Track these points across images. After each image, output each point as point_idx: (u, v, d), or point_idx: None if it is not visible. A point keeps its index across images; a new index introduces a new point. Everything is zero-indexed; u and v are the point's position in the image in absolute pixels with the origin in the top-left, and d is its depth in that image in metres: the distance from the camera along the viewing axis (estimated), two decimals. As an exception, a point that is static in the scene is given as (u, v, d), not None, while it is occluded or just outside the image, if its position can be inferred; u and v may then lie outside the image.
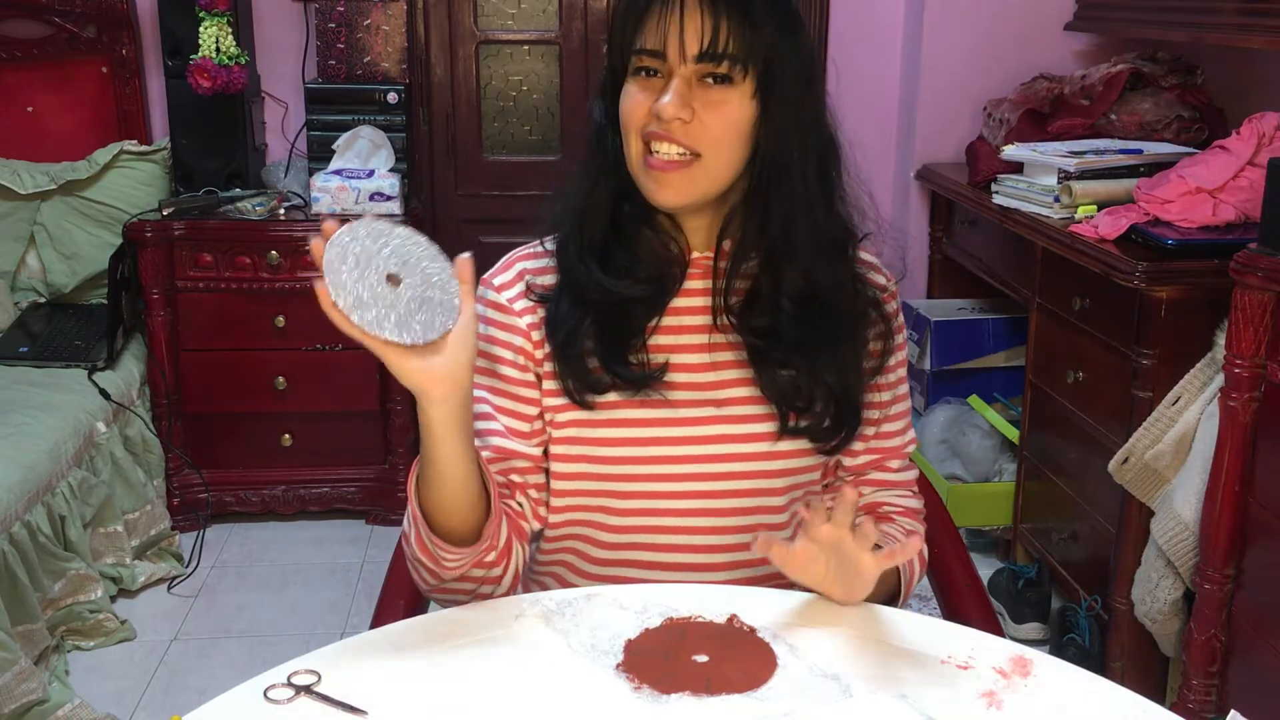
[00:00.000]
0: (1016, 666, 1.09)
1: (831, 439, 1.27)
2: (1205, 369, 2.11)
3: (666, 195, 1.20)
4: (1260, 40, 2.34)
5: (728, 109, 1.17)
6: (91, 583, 2.62)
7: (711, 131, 1.17)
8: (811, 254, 1.22)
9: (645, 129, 1.18)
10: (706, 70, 1.16)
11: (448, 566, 1.18)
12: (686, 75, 1.16)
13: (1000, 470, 2.98)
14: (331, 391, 3.17)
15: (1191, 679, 2.06)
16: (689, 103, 1.16)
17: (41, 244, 3.23)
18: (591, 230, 1.24)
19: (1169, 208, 2.28)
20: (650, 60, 1.18)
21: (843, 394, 1.25)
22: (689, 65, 1.16)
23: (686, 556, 1.29)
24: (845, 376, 1.25)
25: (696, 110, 1.16)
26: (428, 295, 1.07)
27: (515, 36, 3.49)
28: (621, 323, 1.24)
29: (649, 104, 1.18)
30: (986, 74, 3.22)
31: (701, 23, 1.15)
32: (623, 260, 1.24)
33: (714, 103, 1.17)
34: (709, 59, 1.15)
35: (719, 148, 1.18)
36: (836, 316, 1.24)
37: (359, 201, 3.09)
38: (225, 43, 3.09)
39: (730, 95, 1.17)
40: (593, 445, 1.27)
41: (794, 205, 1.21)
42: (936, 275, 3.36)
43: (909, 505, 1.36)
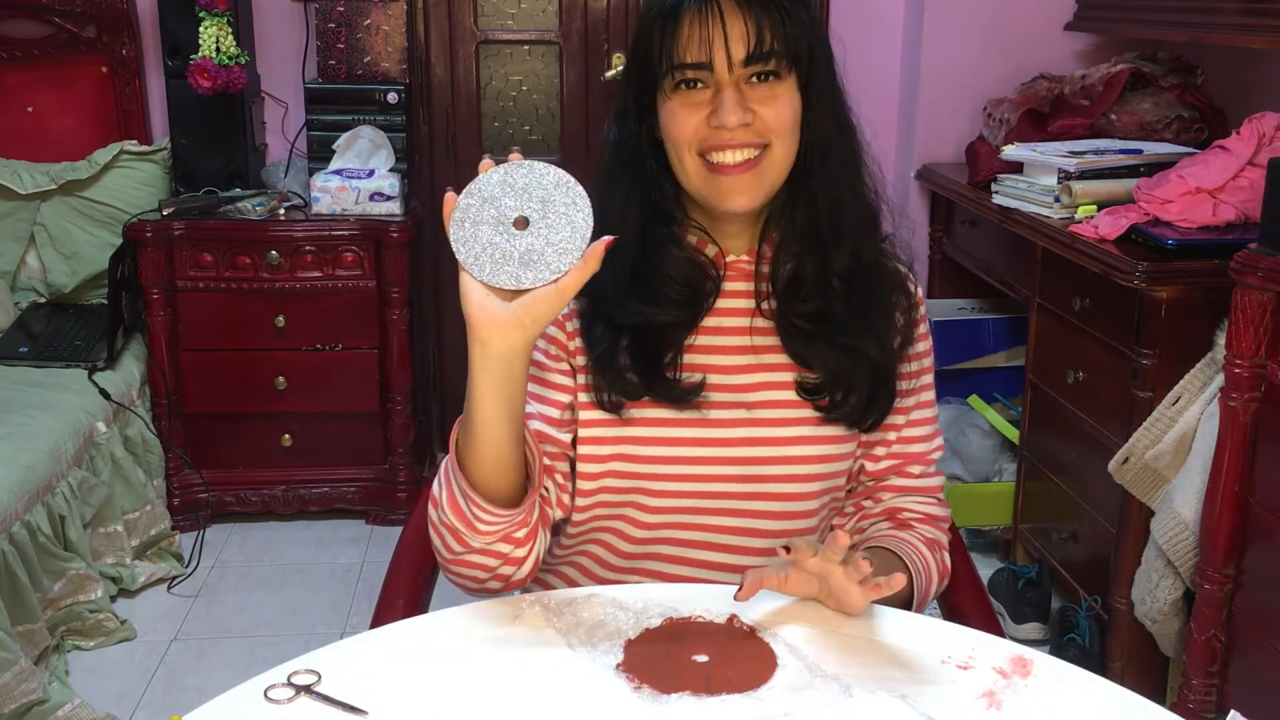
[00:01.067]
0: (1016, 666, 1.09)
1: (867, 418, 1.27)
2: (1205, 369, 2.11)
3: (738, 200, 1.20)
4: (1260, 40, 2.34)
5: (781, 101, 1.18)
6: (91, 583, 2.62)
7: (772, 122, 1.18)
8: (858, 233, 1.24)
9: (703, 143, 1.18)
10: (754, 70, 1.17)
11: (480, 530, 1.15)
12: (736, 79, 1.17)
13: (1000, 470, 2.98)
14: (331, 391, 3.17)
15: (1191, 679, 2.06)
16: (748, 106, 1.17)
17: (41, 244, 3.23)
18: (621, 253, 1.21)
19: (1169, 208, 2.28)
20: (693, 72, 1.17)
21: (883, 368, 1.26)
22: (736, 70, 1.16)
23: (713, 555, 1.29)
24: (885, 351, 1.26)
25: (754, 109, 1.17)
26: (539, 251, 1.04)
27: (515, 36, 3.49)
28: (658, 343, 1.24)
29: (699, 118, 1.17)
30: (986, 74, 3.22)
31: (745, 26, 1.15)
32: (654, 283, 1.23)
33: (767, 98, 1.18)
34: (757, 60, 1.16)
35: (782, 136, 1.19)
36: (876, 293, 1.25)
37: (359, 201, 3.09)
38: (225, 43, 3.09)
39: (779, 89, 1.18)
40: (624, 444, 1.27)
41: (838, 187, 1.23)
42: (936, 275, 3.36)
43: (930, 512, 1.34)
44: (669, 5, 1.17)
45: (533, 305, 1.04)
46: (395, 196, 3.10)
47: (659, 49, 1.18)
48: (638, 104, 1.22)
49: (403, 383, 3.19)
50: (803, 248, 1.24)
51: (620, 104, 1.25)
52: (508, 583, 1.21)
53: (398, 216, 3.10)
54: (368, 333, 3.15)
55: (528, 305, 1.05)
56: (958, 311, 3.16)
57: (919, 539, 1.31)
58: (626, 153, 1.24)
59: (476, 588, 1.22)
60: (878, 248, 1.28)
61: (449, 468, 1.16)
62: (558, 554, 1.36)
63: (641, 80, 1.21)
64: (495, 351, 1.07)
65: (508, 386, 1.09)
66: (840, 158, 1.23)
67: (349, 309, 3.12)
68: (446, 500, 1.16)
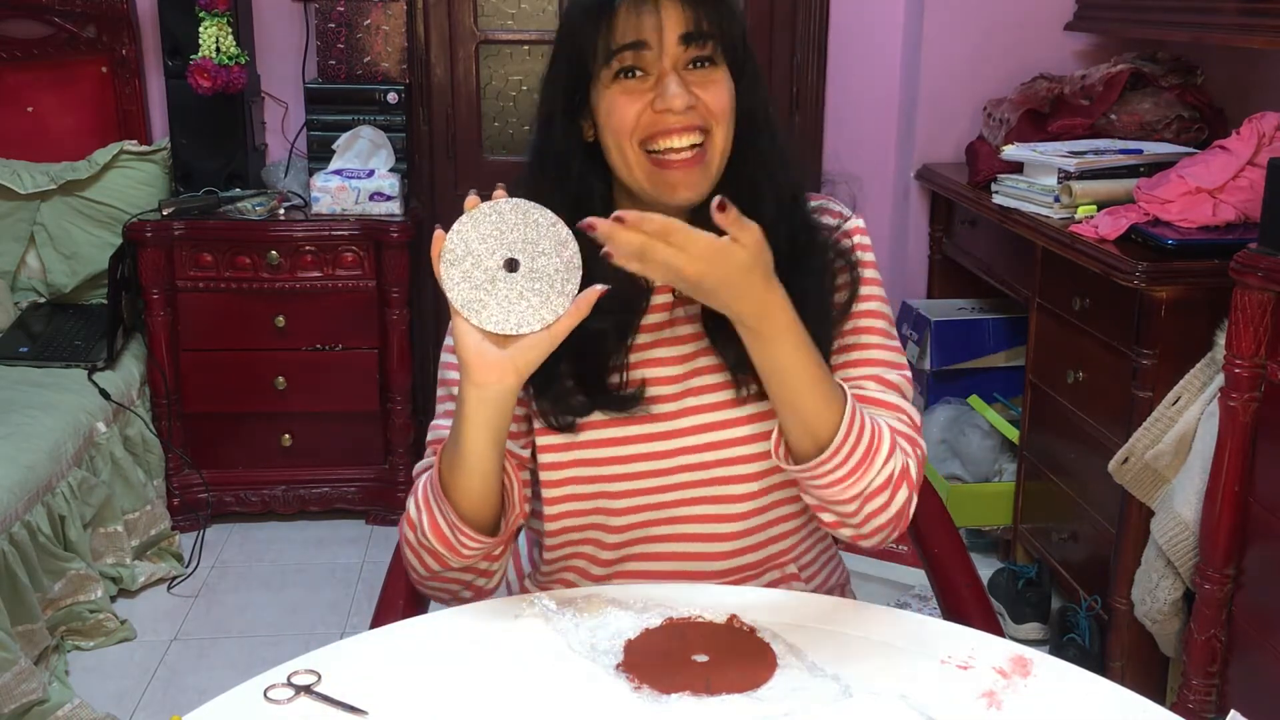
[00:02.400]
0: (1016, 666, 1.09)
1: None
2: (1205, 369, 2.11)
3: (686, 193, 1.19)
4: (1260, 40, 2.34)
5: (719, 86, 1.18)
6: (91, 583, 2.62)
7: (714, 107, 1.18)
8: (777, 216, 1.21)
9: (647, 131, 1.17)
10: (692, 55, 1.17)
11: (463, 553, 1.17)
12: (675, 62, 1.16)
13: (1000, 470, 2.98)
14: (331, 391, 3.17)
15: (1191, 679, 2.06)
16: (688, 87, 1.16)
17: (41, 244, 3.23)
18: None
19: (1169, 208, 2.28)
20: (633, 58, 1.16)
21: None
22: (673, 51, 1.16)
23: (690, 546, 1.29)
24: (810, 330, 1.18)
25: (695, 93, 1.17)
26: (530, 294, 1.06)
27: (515, 36, 3.48)
28: (597, 352, 1.23)
29: (641, 106, 1.16)
30: (986, 74, 3.22)
31: (682, 11, 1.16)
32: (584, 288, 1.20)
33: (707, 82, 1.18)
34: (696, 39, 1.16)
35: (721, 122, 1.18)
36: (798, 271, 1.21)
37: (359, 201, 3.09)
38: (225, 43, 3.09)
39: (716, 74, 1.18)
40: (580, 450, 1.27)
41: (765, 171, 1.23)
42: (936, 275, 3.36)
43: (896, 428, 1.20)
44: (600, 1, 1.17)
45: (526, 350, 1.07)
46: (395, 196, 3.10)
47: (593, 41, 1.17)
48: (566, 106, 1.21)
49: (403, 383, 3.19)
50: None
51: (546, 108, 1.23)
52: (479, 592, 1.24)
53: (398, 216, 3.10)
54: (368, 333, 3.15)
55: (522, 350, 1.07)
56: (958, 311, 3.16)
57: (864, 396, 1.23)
58: (551, 158, 1.23)
59: (448, 599, 1.25)
60: (798, 219, 1.25)
61: (430, 494, 1.18)
62: (545, 571, 1.36)
63: (572, 78, 1.20)
64: (490, 395, 1.09)
65: (499, 422, 1.12)
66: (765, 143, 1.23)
67: (349, 309, 3.13)
68: (428, 525, 1.18)
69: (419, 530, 1.19)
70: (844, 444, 1.13)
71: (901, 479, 1.17)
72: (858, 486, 1.15)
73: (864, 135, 3.45)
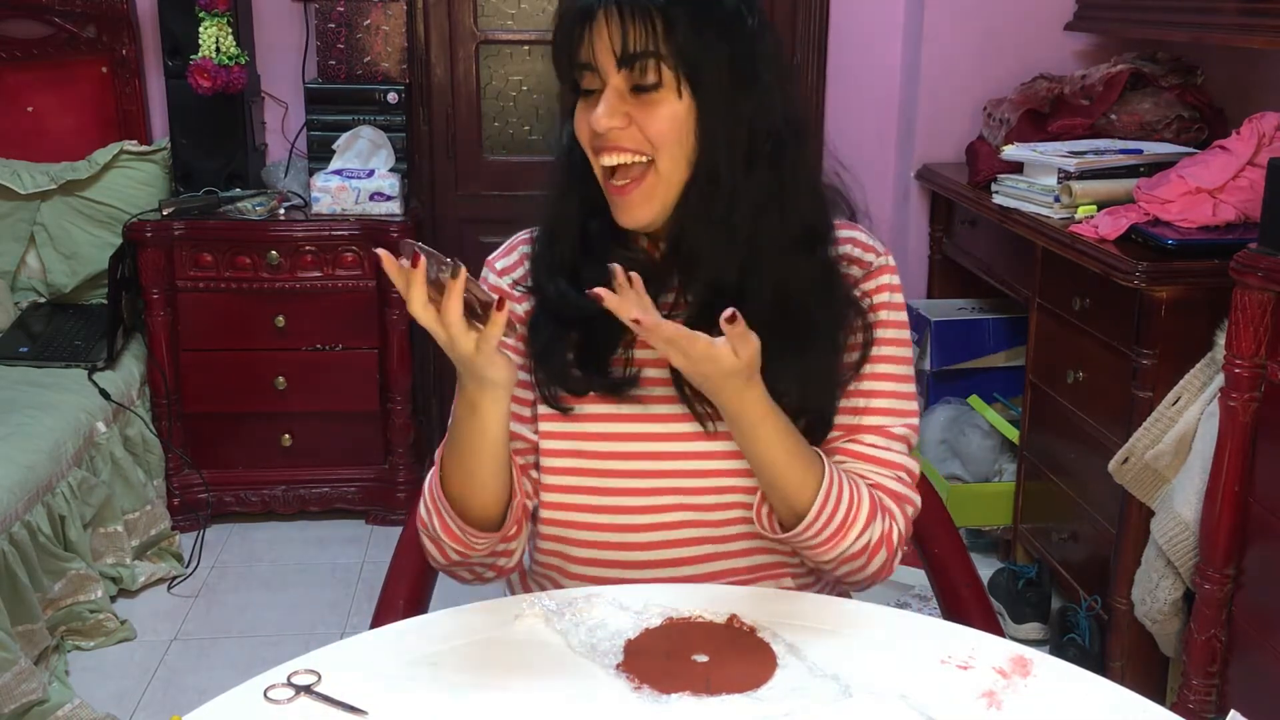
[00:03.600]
0: (1016, 666, 1.09)
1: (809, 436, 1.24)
2: (1205, 369, 2.11)
3: (631, 216, 1.21)
4: (1260, 40, 2.34)
5: (662, 110, 1.18)
6: (91, 583, 2.62)
7: (650, 132, 1.18)
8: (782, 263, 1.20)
9: (591, 143, 1.20)
10: (634, 80, 1.17)
11: (477, 548, 1.23)
12: (618, 85, 1.18)
13: (1000, 470, 2.98)
14: (331, 391, 3.17)
15: (1191, 679, 2.06)
16: (620, 110, 1.18)
17: (41, 244, 3.23)
18: (562, 249, 1.27)
19: (1169, 208, 2.28)
20: (587, 77, 1.19)
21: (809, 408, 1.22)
22: (612, 74, 1.17)
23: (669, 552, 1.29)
24: (812, 390, 1.22)
25: (632, 116, 1.18)
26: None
27: (515, 36, 3.48)
28: (599, 336, 1.26)
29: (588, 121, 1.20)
30: (986, 74, 3.22)
31: (617, 28, 1.16)
32: (594, 276, 1.19)
33: (646, 105, 1.18)
34: (625, 63, 1.16)
35: (663, 147, 1.18)
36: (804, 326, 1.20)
37: (359, 201, 3.09)
38: (225, 43, 3.09)
39: (661, 97, 1.17)
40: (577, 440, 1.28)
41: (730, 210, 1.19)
42: (936, 275, 3.36)
43: (888, 485, 1.24)
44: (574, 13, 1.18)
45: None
46: (395, 196, 3.10)
47: (564, 53, 1.20)
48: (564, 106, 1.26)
49: (403, 383, 3.19)
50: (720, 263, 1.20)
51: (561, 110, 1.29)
52: (501, 571, 1.30)
53: (398, 216, 3.10)
54: (368, 333, 3.15)
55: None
56: (958, 311, 3.16)
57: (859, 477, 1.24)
58: (560, 151, 1.28)
59: (472, 579, 1.31)
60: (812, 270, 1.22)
61: (438, 503, 1.23)
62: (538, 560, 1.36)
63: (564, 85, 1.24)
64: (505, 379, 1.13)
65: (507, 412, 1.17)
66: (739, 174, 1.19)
67: (349, 309, 3.13)
68: (440, 528, 1.24)
69: (429, 529, 1.25)
70: (818, 517, 1.19)
71: (879, 545, 1.22)
72: (834, 552, 1.21)
73: (864, 135, 3.45)
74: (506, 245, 1.36)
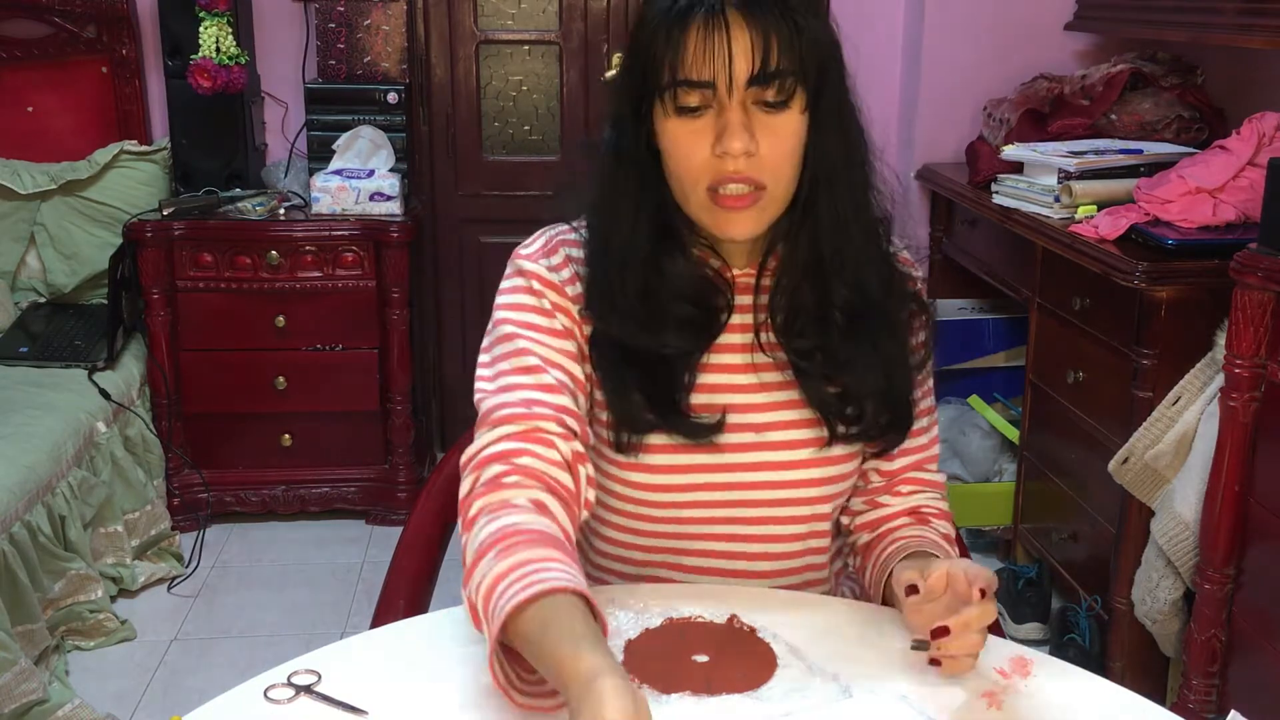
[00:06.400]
0: (1016, 666, 1.09)
1: (884, 435, 1.25)
2: (1205, 369, 2.11)
3: (739, 229, 1.14)
4: (1260, 40, 2.33)
5: (785, 131, 1.12)
6: (91, 583, 2.62)
7: (772, 162, 1.11)
8: (861, 262, 1.19)
9: (712, 177, 1.11)
10: (759, 95, 1.10)
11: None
12: (740, 100, 1.09)
13: (1000, 470, 2.98)
14: (331, 391, 3.17)
15: (1191, 679, 2.06)
16: (752, 131, 1.10)
17: (41, 244, 3.23)
18: (634, 278, 1.17)
19: (1169, 208, 2.28)
20: (698, 97, 1.10)
21: (892, 396, 1.23)
22: (739, 91, 1.09)
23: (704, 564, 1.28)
24: (893, 379, 1.22)
25: (756, 139, 1.10)
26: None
27: (515, 36, 3.48)
28: (670, 370, 1.19)
29: (705, 146, 1.10)
30: (986, 74, 3.22)
31: (751, 41, 1.07)
32: (665, 303, 1.17)
33: (770, 127, 1.11)
34: (761, 81, 1.08)
35: (779, 175, 1.13)
36: (884, 321, 1.21)
37: (359, 201, 3.09)
38: (225, 43, 3.09)
39: (784, 117, 1.11)
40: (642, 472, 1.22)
41: (843, 215, 1.17)
42: (936, 275, 3.36)
43: (942, 508, 1.32)
44: (675, 13, 1.09)
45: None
46: (395, 196, 3.10)
47: (662, 59, 1.10)
48: (635, 110, 1.15)
49: (403, 383, 3.19)
50: (803, 277, 1.19)
51: (617, 109, 1.17)
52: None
53: (398, 216, 3.10)
54: (368, 333, 3.15)
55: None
56: (958, 311, 3.16)
57: (939, 536, 1.27)
58: (628, 162, 1.16)
59: None
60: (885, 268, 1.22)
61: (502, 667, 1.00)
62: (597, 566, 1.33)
63: (641, 87, 1.13)
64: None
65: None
66: (846, 185, 1.17)
67: (349, 309, 3.12)
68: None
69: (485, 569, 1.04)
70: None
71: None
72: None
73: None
74: (544, 243, 1.23)
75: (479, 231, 3.49)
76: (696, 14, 1.08)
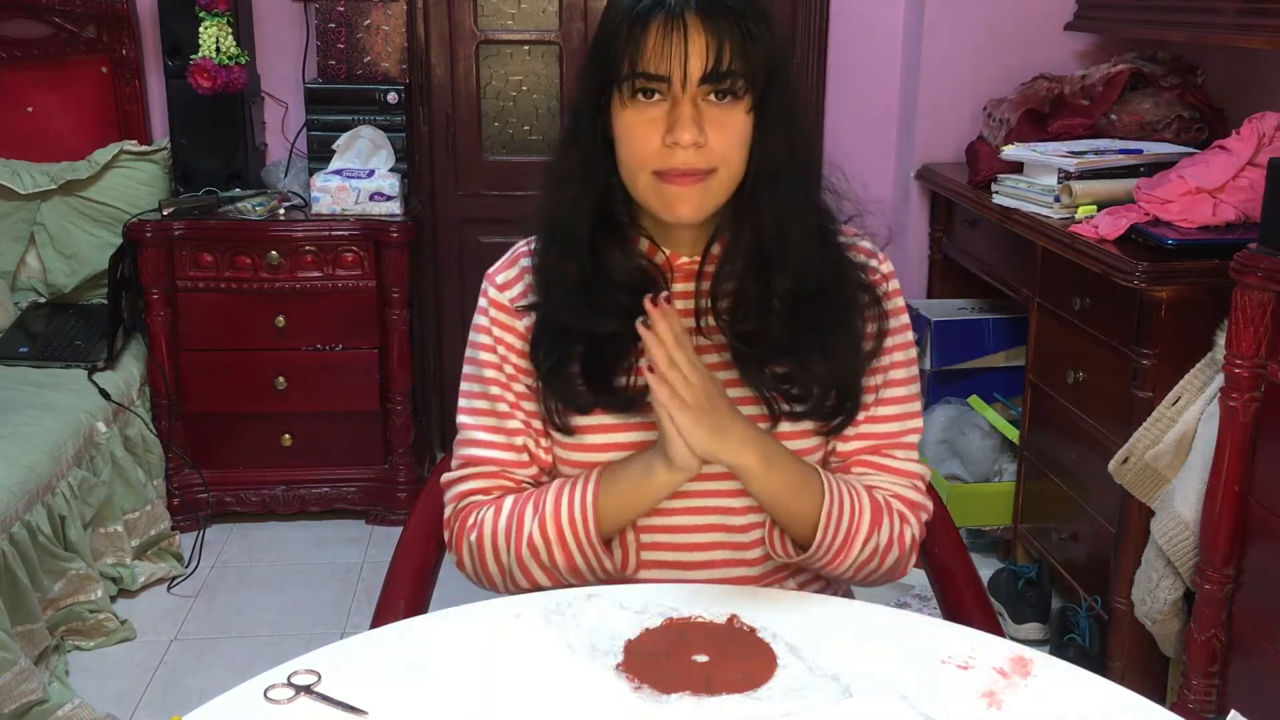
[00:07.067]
0: (1016, 666, 1.09)
1: (833, 418, 1.27)
2: (1205, 369, 2.11)
3: (685, 209, 1.20)
4: (1260, 40, 2.33)
5: (732, 125, 1.18)
6: (91, 583, 2.62)
7: (720, 150, 1.18)
8: (803, 255, 1.23)
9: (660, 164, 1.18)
10: (708, 91, 1.17)
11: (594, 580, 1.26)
12: (692, 95, 1.16)
13: (1000, 470, 2.98)
14: (331, 391, 3.17)
15: (1191, 679, 2.06)
16: (701, 125, 1.16)
17: (41, 244, 3.23)
18: (573, 266, 1.25)
19: (1169, 208, 2.28)
20: (653, 85, 1.17)
21: (837, 382, 1.25)
22: (692, 87, 1.16)
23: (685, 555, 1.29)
24: (838, 365, 1.25)
25: (705, 132, 1.17)
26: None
27: (515, 36, 3.48)
28: (608, 351, 1.25)
29: (656, 135, 1.17)
30: (986, 74, 3.22)
31: (706, 43, 1.15)
32: (603, 291, 1.24)
33: (719, 120, 1.17)
34: (714, 79, 1.15)
35: (728, 161, 1.19)
36: (827, 308, 1.24)
37: (359, 201, 3.09)
38: (225, 43, 3.09)
39: (733, 113, 1.18)
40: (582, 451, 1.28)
41: (785, 210, 1.22)
42: (936, 275, 3.36)
43: (906, 495, 1.30)
44: (638, 11, 1.16)
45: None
46: (395, 196, 3.10)
47: (622, 53, 1.17)
48: (595, 102, 1.21)
49: (403, 383, 3.19)
50: (746, 267, 1.24)
51: (578, 101, 1.24)
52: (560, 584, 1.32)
53: (398, 216, 3.10)
54: (368, 333, 3.15)
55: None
56: (958, 311, 3.16)
57: (866, 489, 1.28)
58: (580, 147, 1.24)
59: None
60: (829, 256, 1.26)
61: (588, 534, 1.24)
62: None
63: (602, 79, 1.20)
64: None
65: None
66: (789, 181, 1.22)
67: (349, 309, 3.12)
68: (564, 566, 1.26)
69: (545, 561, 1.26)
70: (825, 538, 1.23)
71: (889, 546, 1.27)
72: (845, 563, 1.26)
73: (864, 135, 3.45)
74: (507, 258, 1.33)
75: (479, 231, 3.49)
76: (657, 15, 1.16)
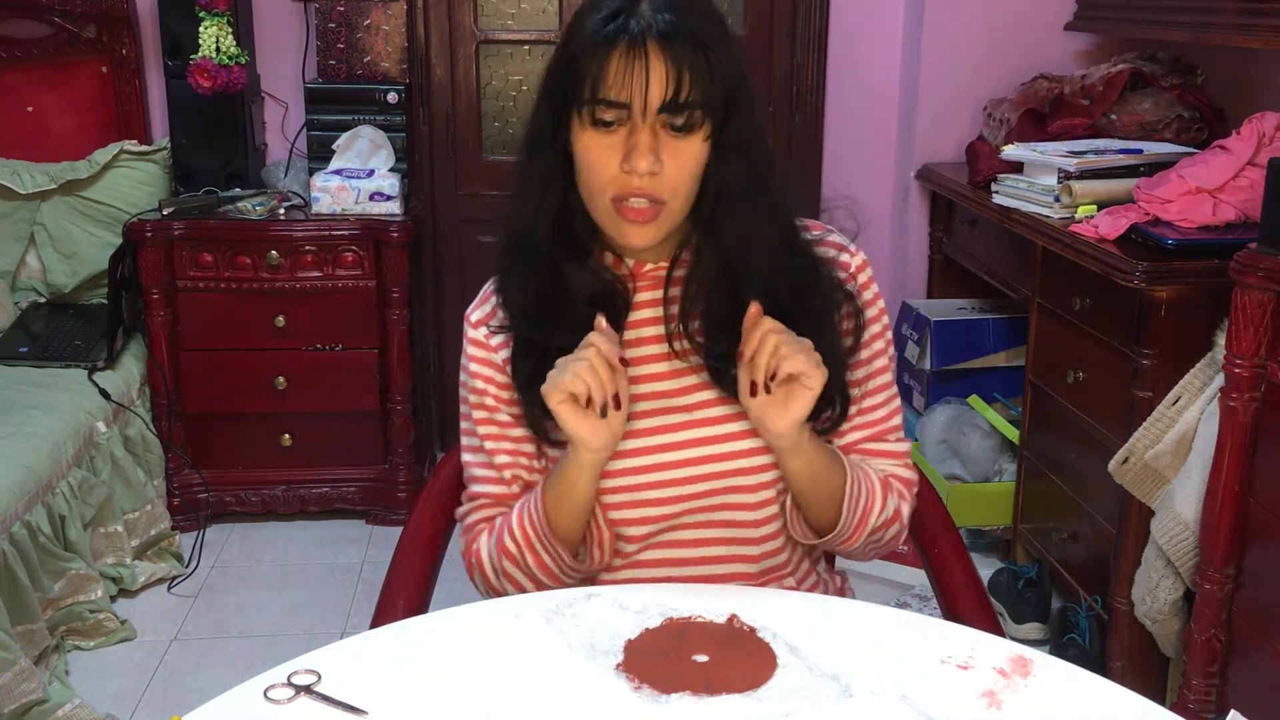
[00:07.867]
0: (1016, 666, 1.09)
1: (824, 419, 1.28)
2: (1205, 369, 2.11)
3: (638, 239, 1.22)
4: (1260, 40, 2.33)
5: (688, 155, 1.19)
6: (91, 583, 2.62)
7: (672, 181, 1.19)
8: (769, 271, 1.24)
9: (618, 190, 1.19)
10: (668, 120, 1.17)
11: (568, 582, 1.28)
12: (651, 124, 1.17)
13: (1000, 470, 2.98)
14: (331, 391, 3.17)
15: (1191, 679, 2.06)
16: (657, 153, 1.17)
17: (41, 244, 3.23)
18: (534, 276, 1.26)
19: (1169, 208, 2.28)
20: (613, 113, 1.17)
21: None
22: (651, 115, 1.16)
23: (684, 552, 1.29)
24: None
25: (662, 159, 1.18)
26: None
27: (515, 36, 3.48)
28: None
29: (615, 161, 1.18)
30: (986, 74, 3.22)
31: (666, 72, 1.15)
32: (562, 305, 1.25)
33: (675, 150, 1.18)
34: (672, 109, 1.16)
35: (679, 193, 1.20)
36: (802, 317, 1.23)
37: (359, 201, 3.09)
38: (225, 43, 3.09)
39: (689, 141, 1.19)
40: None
41: (745, 231, 1.23)
42: (936, 275, 3.36)
43: (902, 475, 1.35)
44: (602, 36, 1.16)
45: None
46: (395, 196, 3.10)
47: (585, 75, 1.17)
48: (555, 117, 1.22)
49: (403, 383, 3.19)
50: (714, 285, 1.25)
51: (538, 115, 1.25)
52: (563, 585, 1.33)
53: (398, 216, 3.10)
54: (368, 333, 3.15)
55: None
56: (958, 311, 3.16)
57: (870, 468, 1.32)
58: (540, 159, 1.24)
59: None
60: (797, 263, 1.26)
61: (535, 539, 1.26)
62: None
63: (563, 97, 1.20)
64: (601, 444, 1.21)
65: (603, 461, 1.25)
66: (748, 205, 1.23)
67: (349, 309, 3.13)
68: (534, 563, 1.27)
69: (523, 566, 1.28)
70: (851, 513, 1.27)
71: (894, 519, 1.32)
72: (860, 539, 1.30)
73: (864, 135, 3.45)
74: (481, 294, 1.35)
75: (479, 231, 3.49)
76: (621, 40, 1.16)
